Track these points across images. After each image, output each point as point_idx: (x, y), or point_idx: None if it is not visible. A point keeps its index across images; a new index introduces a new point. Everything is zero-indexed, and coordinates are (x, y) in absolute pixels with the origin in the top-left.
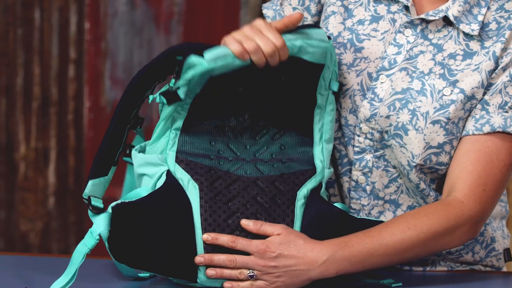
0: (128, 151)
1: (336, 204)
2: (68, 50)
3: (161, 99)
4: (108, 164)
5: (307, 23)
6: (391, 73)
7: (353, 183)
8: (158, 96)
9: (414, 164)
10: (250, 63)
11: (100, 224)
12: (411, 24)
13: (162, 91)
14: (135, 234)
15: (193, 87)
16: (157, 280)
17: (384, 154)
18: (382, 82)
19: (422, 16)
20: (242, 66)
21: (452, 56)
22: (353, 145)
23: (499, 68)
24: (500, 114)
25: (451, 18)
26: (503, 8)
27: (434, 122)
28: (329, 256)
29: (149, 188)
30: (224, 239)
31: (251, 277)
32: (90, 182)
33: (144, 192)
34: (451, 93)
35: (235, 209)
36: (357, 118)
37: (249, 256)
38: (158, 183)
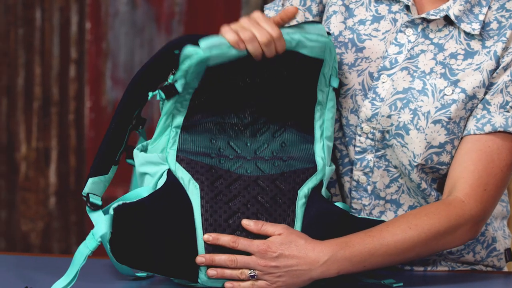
0: (129, 153)
1: (337, 204)
2: (69, 50)
3: (160, 94)
4: (108, 163)
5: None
6: (392, 72)
7: (354, 183)
8: (157, 92)
9: (415, 164)
10: (246, 54)
11: (102, 226)
12: (412, 23)
13: (161, 86)
14: (136, 235)
15: (190, 79)
16: (157, 280)
17: (385, 154)
18: (383, 82)
19: (423, 15)
20: (238, 56)
21: (453, 55)
22: (354, 145)
23: (500, 67)
24: (502, 114)
25: (452, 17)
26: (504, 7)
27: (435, 122)
28: (330, 256)
29: (150, 188)
30: (225, 239)
31: (252, 277)
32: (90, 180)
33: (145, 192)
34: (452, 93)
35: (236, 209)
36: (358, 118)
37: (250, 256)
38: (159, 183)
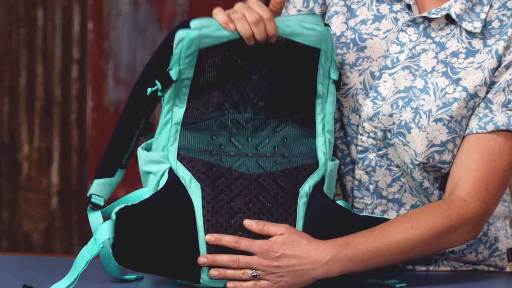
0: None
1: (339, 202)
2: (71, 50)
3: (157, 85)
4: (114, 166)
5: None
6: (394, 71)
7: (356, 182)
8: (156, 85)
9: (417, 163)
10: (238, 37)
11: (104, 232)
12: (413, 22)
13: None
14: (138, 237)
15: (184, 65)
16: (159, 281)
17: (387, 153)
18: (385, 81)
19: (425, 14)
20: (229, 39)
21: (455, 54)
22: (356, 144)
23: (502, 66)
24: (504, 113)
25: (453, 16)
26: (506, 6)
27: (437, 120)
28: (332, 255)
29: (152, 189)
30: (227, 239)
31: (254, 277)
32: (95, 182)
33: (146, 193)
34: (454, 91)
35: (237, 209)
36: (359, 117)
37: (252, 256)
38: (161, 182)
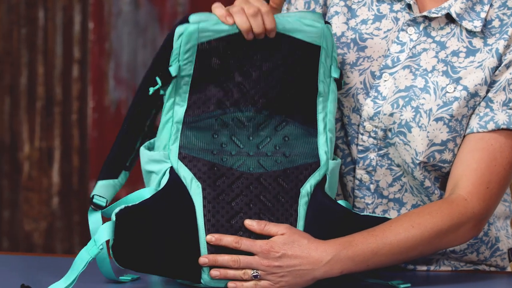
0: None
1: (339, 202)
2: (72, 50)
3: (158, 82)
4: (118, 167)
5: None
6: (394, 71)
7: (357, 182)
8: (157, 83)
9: (418, 162)
10: (237, 32)
11: (104, 233)
12: (414, 22)
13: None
14: (139, 238)
15: (183, 60)
16: (159, 281)
17: (388, 152)
18: (385, 80)
19: (425, 13)
20: (228, 33)
21: (455, 53)
22: (357, 144)
23: (502, 65)
24: (504, 111)
25: (454, 15)
26: (506, 5)
27: (437, 119)
28: (333, 255)
29: (153, 189)
30: (228, 239)
31: (255, 277)
32: (98, 183)
33: (147, 193)
34: (454, 90)
35: (238, 209)
36: (360, 116)
37: (253, 256)
38: (162, 181)
